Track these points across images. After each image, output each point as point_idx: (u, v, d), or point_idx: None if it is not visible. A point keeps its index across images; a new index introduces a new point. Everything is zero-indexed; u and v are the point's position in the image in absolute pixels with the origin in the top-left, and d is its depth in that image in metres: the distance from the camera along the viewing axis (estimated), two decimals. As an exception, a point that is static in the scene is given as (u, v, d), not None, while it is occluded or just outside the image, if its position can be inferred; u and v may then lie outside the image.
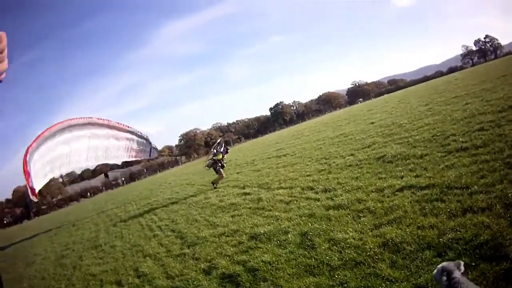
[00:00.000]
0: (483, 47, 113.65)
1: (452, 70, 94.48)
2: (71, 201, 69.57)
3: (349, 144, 11.81)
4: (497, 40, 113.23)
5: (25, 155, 8.80)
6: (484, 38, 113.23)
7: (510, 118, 7.44)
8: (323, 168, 9.15)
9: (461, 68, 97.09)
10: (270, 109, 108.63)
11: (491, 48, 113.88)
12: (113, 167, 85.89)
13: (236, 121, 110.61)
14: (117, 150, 15.29)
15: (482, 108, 9.69)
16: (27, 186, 8.65)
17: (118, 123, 15.40)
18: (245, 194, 9.28)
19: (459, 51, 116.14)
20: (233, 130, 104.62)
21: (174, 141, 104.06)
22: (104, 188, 76.93)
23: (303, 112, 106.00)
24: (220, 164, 12.96)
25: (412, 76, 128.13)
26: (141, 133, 15.36)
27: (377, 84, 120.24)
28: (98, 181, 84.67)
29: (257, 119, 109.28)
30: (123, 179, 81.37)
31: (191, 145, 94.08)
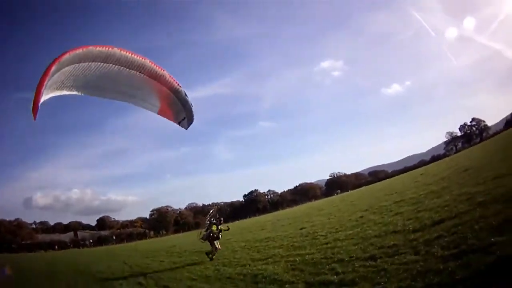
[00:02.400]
0: (469, 131, 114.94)
1: (434, 158, 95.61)
2: (39, 249, 69.58)
3: (254, 252, 12.79)
4: (483, 122, 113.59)
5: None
6: (470, 122, 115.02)
7: (413, 245, 7.53)
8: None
9: (444, 156, 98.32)
10: (244, 196, 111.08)
11: (477, 132, 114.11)
12: (85, 227, 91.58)
13: (212, 203, 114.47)
14: (148, 95, 11.50)
15: (401, 223, 10.21)
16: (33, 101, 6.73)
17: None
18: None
19: (444, 138, 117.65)
20: (207, 212, 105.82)
21: (146, 214, 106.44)
22: (71, 245, 77.75)
23: (277, 202, 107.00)
24: (215, 236, 13.03)
25: (395, 166, 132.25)
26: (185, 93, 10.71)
27: (357, 175, 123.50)
28: (67, 237, 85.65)
29: (231, 204, 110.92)
30: (91, 240, 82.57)
31: (162, 221, 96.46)
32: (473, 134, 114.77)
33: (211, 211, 15.09)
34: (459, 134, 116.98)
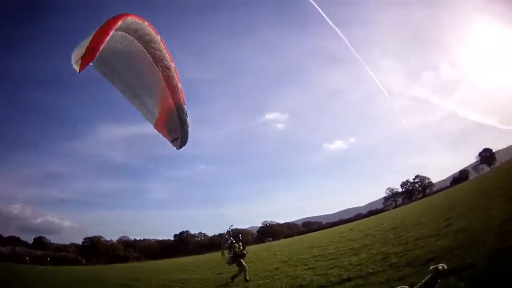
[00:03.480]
0: (411, 188, 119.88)
1: (372, 213, 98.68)
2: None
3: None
4: (428, 179, 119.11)
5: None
6: (413, 179, 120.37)
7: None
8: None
9: (382, 210, 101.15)
10: (175, 235, 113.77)
11: (420, 188, 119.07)
12: (22, 243, 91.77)
13: (143, 239, 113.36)
14: (154, 101, 8.16)
15: (310, 279, 10.09)
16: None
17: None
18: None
19: (384, 194, 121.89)
20: (137, 247, 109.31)
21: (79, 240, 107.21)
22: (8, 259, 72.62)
23: (208, 244, 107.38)
24: (240, 254, 12.51)
25: (331, 218, 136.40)
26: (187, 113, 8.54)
27: (290, 225, 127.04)
28: (6, 250, 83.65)
29: (161, 242, 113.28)
30: (27, 258, 78.92)
31: (94, 249, 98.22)
32: (415, 190, 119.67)
33: (226, 233, 13.95)
34: (400, 190, 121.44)
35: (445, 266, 4.22)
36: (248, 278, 12.14)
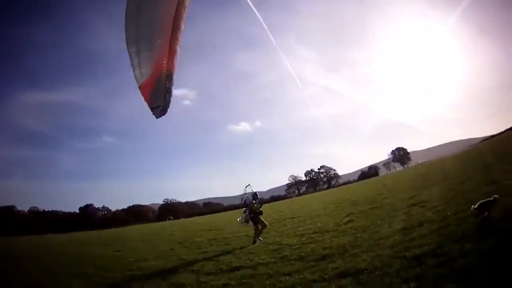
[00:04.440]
0: (315, 177, 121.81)
1: (274, 199, 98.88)
2: None
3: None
4: (334, 170, 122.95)
5: None
6: (318, 169, 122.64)
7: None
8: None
9: (284, 197, 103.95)
10: (80, 208, 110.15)
11: (325, 179, 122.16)
12: None
13: (51, 210, 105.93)
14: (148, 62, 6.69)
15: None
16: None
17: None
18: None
19: (287, 180, 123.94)
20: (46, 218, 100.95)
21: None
22: None
23: (111, 219, 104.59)
24: (258, 211, 12.44)
25: (232, 200, 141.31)
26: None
27: (191, 204, 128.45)
28: None
29: (68, 214, 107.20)
30: None
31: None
32: (320, 180, 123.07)
33: (246, 188, 13.54)
34: (303, 178, 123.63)
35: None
36: (261, 238, 11.99)
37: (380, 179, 58.56)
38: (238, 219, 13.40)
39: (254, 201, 12.71)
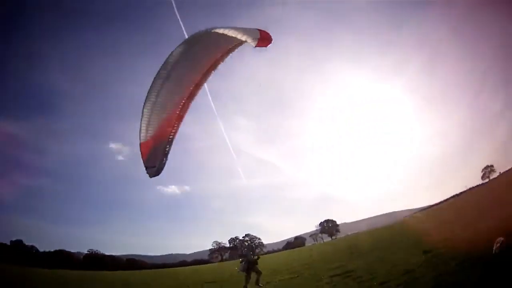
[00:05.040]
0: (239, 245, 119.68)
1: (197, 262, 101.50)
2: None
3: None
4: (259, 239, 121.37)
5: None
6: (243, 237, 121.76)
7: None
8: None
9: (207, 262, 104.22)
10: (11, 241, 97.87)
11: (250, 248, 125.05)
12: None
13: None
14: (156, 124, 6.37)
15: None
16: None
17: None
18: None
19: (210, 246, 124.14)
20: None
21: None
22: None
23: (39, 258, 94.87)
24: (254, 262, 13.22)
25: (157, 260, 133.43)
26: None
27: (115, 258, 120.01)
28: None
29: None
30: None
31: None
32: (244, 248, 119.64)
33: (244, 245, 16.62)
34: (227, 245, 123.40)
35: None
36: (261, 284, 13.15)
37: (306, 249, 59.59)
38: (237, 268, 14.32)
39: (251, 253, 14.13)
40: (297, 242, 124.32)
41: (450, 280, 6.31)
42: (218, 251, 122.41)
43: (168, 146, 6.12)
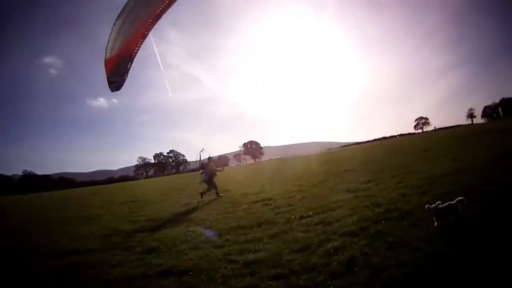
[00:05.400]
0: (164, 161, 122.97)
1: (123, 179, 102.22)
2: None
3: None
4: (183, 156, 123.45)
5: None
6: (168, 153, 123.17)
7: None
8: None
9: (133, 178, 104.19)
10: None
11: (173, 163, 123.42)
12: None
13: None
14: (122, 39, 6.39)
15: None
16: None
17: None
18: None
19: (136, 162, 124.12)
20: None
21: None
22: None
23: None
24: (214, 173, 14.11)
25: (86, 177, 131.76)
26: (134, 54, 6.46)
27: (49, 177, 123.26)
28: None
29: None
30: None
31: None
32: (168, 164, 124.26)
33: (200, 156, 14.54)
34: (152, 161, 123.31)
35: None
36: (221, 195, 13.50)
37: (229, 170, 59.82)
38: (198, 179, 15.05)
39: (212, 164, 14.23)
40: (221, 161, 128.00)
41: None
42: (143, 167, 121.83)
43: (130, 63, 6.32)
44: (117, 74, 6.38)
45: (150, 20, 5.92)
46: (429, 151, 19.97)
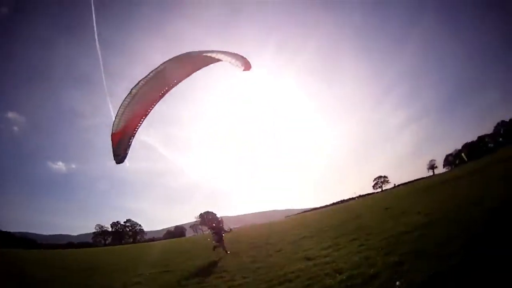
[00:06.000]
0: (121, 230, 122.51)
1: (83, 245, 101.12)
2: None
3: None
4: (139, 225, 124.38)
5: None
6: (125, 222, 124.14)
7: None
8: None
9: (91, 245, 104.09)
10: None
11: (130, 233, 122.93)
12: None
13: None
14: (129, 116, 7.24)
15: None
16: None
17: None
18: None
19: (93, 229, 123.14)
20: None
21: None
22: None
23: None
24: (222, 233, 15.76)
25: (48, 239, 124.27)
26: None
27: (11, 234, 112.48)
28: None
29: None
30: None
31: None
32: (125, 233, 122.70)
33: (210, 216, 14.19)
34: (110, 229, 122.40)
35: None
36: (228, 252, 14.69)
37: (184, 240, 59.63)
38: (209, 239, 16.60)
39: (222, 226, 15.79)
40: (177, 231, 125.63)
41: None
42: (101, 235, 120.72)
43: (132, 138, 6.86)
44: (122, 148, 6.78)
45: (153, 101, 6.47)
46: (390, 209, 19.01)
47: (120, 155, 6.84)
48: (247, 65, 5.68)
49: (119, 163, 6.92)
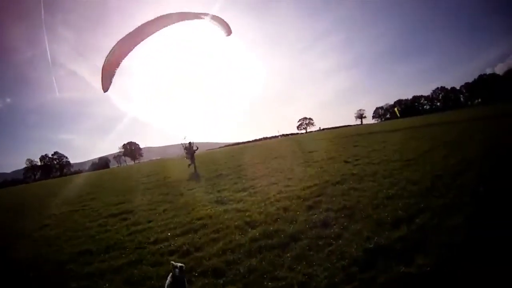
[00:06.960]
0: (49, 163, 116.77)
1: (15, 182, 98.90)
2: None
3: None
4: (66, 158, 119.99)
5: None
6: (52, 155, 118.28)
7: None
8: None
9: (22, 182, 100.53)
10: None
11: (57, 166, 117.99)
12: None
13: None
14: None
15: None
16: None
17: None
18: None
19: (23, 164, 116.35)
20: None
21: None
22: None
23: None
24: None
25: None
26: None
27: None
28: None
29: None
30: None
31: None
32: (53, 167, 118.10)
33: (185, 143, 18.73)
34: (39, 163, 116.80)
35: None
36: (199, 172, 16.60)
37: (111, 170, 57.73)
38: (185, 157, 19.39)
39: (192, 147, 18.65)
40: (101, 162, 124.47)
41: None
42: (31, 170, 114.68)
43: (116, 68, 6.85)
44: (110, 78, 6.72)
45: (137, 39, 6.33)
46: (315, 153, 17.55)
47: (106, 84, 6.83)
48: (229, 31, 6.12)
49: (105, 91, 7.06)
